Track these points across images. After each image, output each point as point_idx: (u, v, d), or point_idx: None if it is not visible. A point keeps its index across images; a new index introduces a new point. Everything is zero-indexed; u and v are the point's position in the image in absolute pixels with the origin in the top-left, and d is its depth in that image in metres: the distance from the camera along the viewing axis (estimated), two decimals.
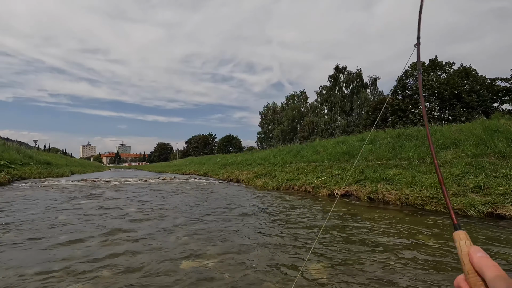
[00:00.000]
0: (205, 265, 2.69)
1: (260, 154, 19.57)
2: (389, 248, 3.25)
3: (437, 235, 3.76)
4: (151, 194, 8.87)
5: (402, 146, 9.08)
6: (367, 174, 7.88)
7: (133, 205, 6.44)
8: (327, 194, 8.01)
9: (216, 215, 5.28)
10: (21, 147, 21.45)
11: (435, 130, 9.35)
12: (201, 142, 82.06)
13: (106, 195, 8.26)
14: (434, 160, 0.81)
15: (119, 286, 2.24)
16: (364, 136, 11.95)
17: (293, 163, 12.59)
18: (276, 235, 3.83)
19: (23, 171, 15.70)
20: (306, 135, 43.80)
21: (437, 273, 2.53)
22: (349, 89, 43.88)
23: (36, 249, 3.10)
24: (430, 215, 5.06)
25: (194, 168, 27.63)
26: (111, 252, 3.02)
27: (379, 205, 6.34)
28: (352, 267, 2.69)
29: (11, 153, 17.59)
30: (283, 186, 10.07)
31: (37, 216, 4.88)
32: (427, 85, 26.77)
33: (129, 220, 4.74)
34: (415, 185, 6.27)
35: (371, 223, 4.49)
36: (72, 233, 3.81)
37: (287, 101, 62.75)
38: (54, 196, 7.73)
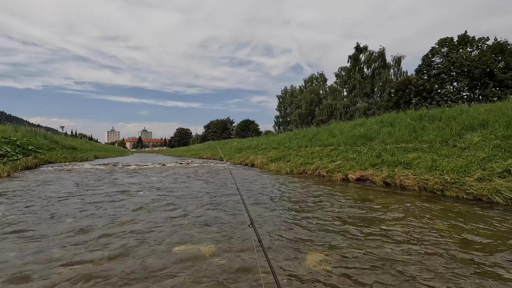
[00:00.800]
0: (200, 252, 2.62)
1: (275, 138, 19.35)
2: (404, 237, 3.04)
3: (455, 223, 3.48)
4: (166, 177, 9.00)
5: (423, 128, 8.53)
6: (384, 158, 7.51)
7: (146, 188, 6.54)
8: (341, 178, 7.74)
9: (223, 199, 5.22)
10: (47, 133, 22.51)
11: (461, 110, 8.67)
12: (219, 127, 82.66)
13: (122, 178, 8.47)
14: None
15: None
16: (383, 118, 11.36)
17: (308, 147, 12.30)
18: (282, 221, 3.70)
19: (50, 155, 16.50)
20: (325, 118, 42.76)
21: (458, 266, 2.30)
22: (371, 70, 41.88)
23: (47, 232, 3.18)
24: (451, 201, 4.72)
25: (211, 152, 27.91)
26: (131, 229, 3.03)
27: (395, 190, 6.03)
28: (360, 255, 2.51)
29: (38, 138, 18.50)
30: (296, 170, 9.88)
31: (42, 202, 5.05)
32: (455, 63, 24.93)
33: (137, 203, 4.79)
34: (436, 169, 5.87)
35: (384, 208, 4.25)
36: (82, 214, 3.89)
37: (305, 84, 61.15)
38: (73, 179, 8.03)
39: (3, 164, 9.89)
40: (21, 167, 11.13)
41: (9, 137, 14.09)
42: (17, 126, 18.09)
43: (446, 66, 25.70)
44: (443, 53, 27.02)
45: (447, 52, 26.59)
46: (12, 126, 17.35)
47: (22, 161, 11.92)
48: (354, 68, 42.55)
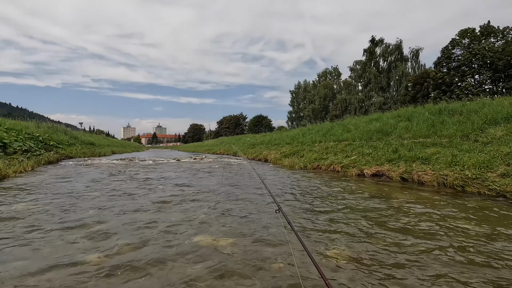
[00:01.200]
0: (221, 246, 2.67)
1: (289, 133, 19.26)
2: (425, 232, 2.97)
3: (478, 220, 3.37)
4: (181, 172, 9.16)
5: (443, 122, 8.26)
6: (401, 153, 7.34)
7: (161, 182, 6.68)
8: (357, 174, 7.64)
9: (239, 193, 5.27)
10: (67, 129, 23.31)
11: (483, 103, 8.33)
12: (232, 122, 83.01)
13: (141, 173, 8.69)
14: None
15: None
16: (400, 112, 11.06)
17: (322, 142, 12.17)
18: (300, 216, 3.70)
19: (70, 150, 17.11)
20: (339, 113, 42.11)
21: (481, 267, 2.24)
22: (387, 63, 40.76)
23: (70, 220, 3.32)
24: (472, 197, 4.57)
25: (224, 148, 28.13)
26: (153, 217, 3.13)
27: (413, 185, 5.90)
28: (380, 254, 2.49)
29: (59, 134, 19.19)
30: (310, 165, 9.82)
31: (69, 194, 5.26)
32: (477, 55, 23.89)
33: (154, 197, 4.90)
34: (456, 164, 5.69)
35: (404, 203, 4.17)
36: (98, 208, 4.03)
37: (319, 78, 60.33)
38: (94, 173, 8.30)
39: (27, 159, 10.33)
40: (43, 162, 11.60)
41: (32, 133, 14.69)
42: (39, 123, 18.80)
43: (467, 58, 24.68)
44: (464, 44, 25.93)
45: (469, 44, 25.50)
46: (35, 123, 18.05)
47: (45, 156, 12.42)
48: (370, 62, 41.54)
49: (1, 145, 10.22)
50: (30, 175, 7.84)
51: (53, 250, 2.47)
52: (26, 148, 11.95)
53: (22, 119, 18.62)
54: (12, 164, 8.54)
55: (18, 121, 16.62)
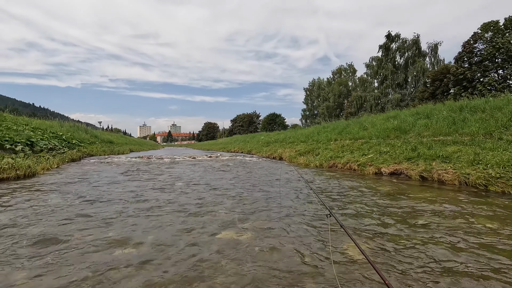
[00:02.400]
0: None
1: (303, 131, 19.18)
2: (447, 233, 2.96)
3: (503, 220, 3.31)
4: (199, 170, 9.35)
5: (464, 120, 8.03)
6: (420, 151, 7.20)
7: (182, 179, 6.86)
8: (374, 172, 7.56)
9: (258, 192, 5.36)
10: (88, 128, 24.17)
11: (508, 100, 8.03)
12: (246, 120, 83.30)
13: (161, 171, 8.95)
14: None
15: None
16: (419, 110, 10.82)
17: (338, 140, 12.08)
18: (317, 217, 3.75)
19: (91, 149, 17.73)
20: (354, 111, 41.46)
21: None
22: (404, 59, 39.70)
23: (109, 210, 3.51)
24: (496, 197, 4.46)
25: (238, 146, 28.32)
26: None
27: (433, 184, 5.79)
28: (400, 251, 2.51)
29: (80, 133, 19.95)
30: (326, 163, 9.78)
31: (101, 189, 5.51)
32: (501, 48, 22.89)
33: (174, 193, 5.07)
34: (478, 163, 5.54)
35: (426, 202, 4.13)
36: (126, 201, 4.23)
37: (333, 75, 59.49)
38: (115, 170, 8.63)
39: (52, 157, 10.83)
40: (67, 160, 12.11)
41: (56, 132, 15.36)
42: (62, 122, 19.59)
43: (490, 52, 23.69)
44: (486, 38, 24.88)
45: (492, 37, 24.45)
46: (58, 122, 18.84)
47: (68, 154, 12.95)
48: (386, 58, 40.59)
49: (29, 144, 10.75)
50: (56, 172, 8.23)
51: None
52: (51, 146, 12.52)
53: (45, 119, 19.51)
54: (39, 161, 9.00)
55: (43, 121, 17.41)
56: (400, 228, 3.05)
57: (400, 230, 2.99)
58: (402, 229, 3.02)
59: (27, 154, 9.39)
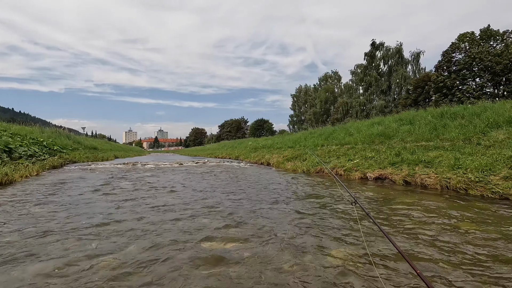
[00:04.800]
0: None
1: (291, 137, 19.32)
2: (425, 235, 3.02)
3: (481, 223, 3.42)
4: (185, 176, 9.22)
5: (445, 126, 8.32)
6: (403, 156, 7.39)
7: (167, 186, 6.74)
8: (359, 177, 7.68)
9: (244, 199, 5.33)
10: (71, 134, 23.47)
11: (484, 107, 8.39)
12: (234, 126, 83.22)
13: (143, 177, 8.76)
14: None
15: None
16: (402, 116, 11.13)
17: (325, 146, 12.24)
18: (303, 222, 3.75)
19: (73, 155, 17.19)
20: (340, 117, 42.20)
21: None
22: (387, 67, 40.94)
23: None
24: (475, 200, 4.61)
25: (226, 152, 28.19)
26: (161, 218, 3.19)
27: (416, 189, 5.94)
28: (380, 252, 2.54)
29: (62, 139, 19.32)
30: (313, 169, 9.86)
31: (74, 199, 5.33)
32: (476, 58, 23.98)
33: (160, 201, 4.97)
34: (459, 167, 5.73)
35: (407, 207, 4.22)
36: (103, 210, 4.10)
37: (319, 82, 60.54)
38: (98, 177, 8.39)
39: (32, 164, 10.43)
40: (48, 167, 11.69)
41: (36, 138, 14.82)
42: (43, 128, 18.95)
43: (467, 61, 24.78)
44: (463, 48, 26.05)
45: (468, 48, 25.62)
46: (39, 128, 18.21)
47: (49, 160, 12.51)
48: (370, 65, 41.75)
49: (7, 150, 10.32)
50: (35, 179, 7.92)
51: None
52: (31, 153, 12.06)
53: (26, 125, 18.81)
54: (18, 169, 8.64)
55: (23, 126, 16.78)
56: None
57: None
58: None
59: (4, 161, 9.01)
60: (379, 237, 2.92)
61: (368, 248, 2.58)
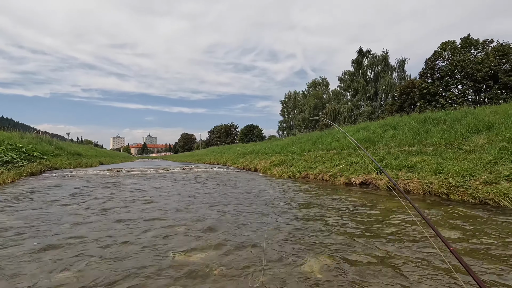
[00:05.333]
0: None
1: (278, 142, 19.30)
2: (399, 242, 2.96)
3: (460, 228, 3.39)
4: (168, 183, 8.99)
5: (428, 131, 8.42)
6: (387, 161, 7.42)
7: (146, 195, 6.52)
8: (344, 182, 7.66)
9: (226, 206, 5.18)
10: (53, 139, 22.75)
11: (465, 112, 8.56)
12: (223, 132, 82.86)
13: (126, 183, 8.48)
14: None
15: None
16: (387, 121, 11.26)
17: (311, 151, 12.22)
18: (281, 228, 3.64)
19: (55, 161, 16.61)
20: (328, 122, 42.56)
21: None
22: (374, 74, 41.78)
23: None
24: (456, 205, 4.62)
25: (214, 157, 27.93)
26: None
27: (399, 194, 5.92)
28: (359, 262, 2.45)
29: (44, 145, 18.68)
30: (299, 174, 9.81)
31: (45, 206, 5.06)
32: (458, 66, 24.74)
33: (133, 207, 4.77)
34: (440, 172, 5.77)
35: (387, 213, 4.17)
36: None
37: (308, 88, 61.22)
38: (76, 185, 8.06)
39: (7, 171, 9.97)
40: (25, 174, 11.22)
41: (15, 144, 14.25)
42: (23, 133, 18.30)
43: (449, 69, 25.52)
44: (445, 56, 26.86)
45: (450, 56, 26.44)
46: (18, 133, 17.56)
47: (27, 167, 12.03)
48: (357, 72, 42.50)
49: None
50: (8, 187, 7.54)
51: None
52: (8, 159, 11.57)
53: (7, 130, 18.10)
54: None
55: (1, 132, 16.14)
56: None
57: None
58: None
59: None
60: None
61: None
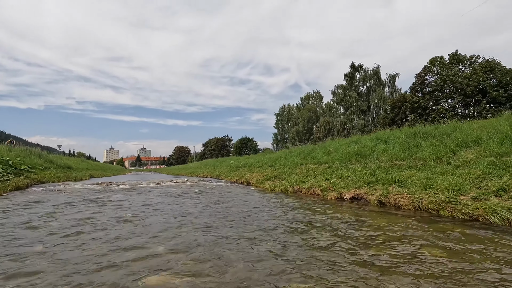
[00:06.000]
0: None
1: (271, 155, 19.24)
2: (392, 263, 2.86)
3: (450, 249, 3.31)
4: (157, 199, 8.79)
5: (417, 145, 8.46)
6: (378, 175, 7.38)
7: (129, 213, 6.33)
8: (336, 197, 7.57)
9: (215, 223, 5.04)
10: (43, 152, 22.32)
11: (454, 127, 8.65)
12: (218, 144, 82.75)
13: (112, 198, 8.25)
14: None
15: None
16: (378, 135, 11.32)
17: (304, 165, 12.17)
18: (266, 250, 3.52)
19: (43, 175, 16.22)
20: (322, 135, 42.87)
21: None
22: (366, 88, 42.57)
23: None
24: (446, 222, 4.56)
25: (207, 170, 27.67)
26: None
27: (390, 210, 5.86)
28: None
29: (33, 158, 18.30)
30: (291, 188, 9.70)
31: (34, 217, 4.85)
32: (447, 80, 25.35)
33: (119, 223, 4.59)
34: (430, 187, 5.73)
35: (376, 230, 4.08)
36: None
37: (302, 101, 61.98)
38: (60, 200, 7.80)
39: None
40: (10, 188, 10.90)
41: (1, 157, 13.92)
42: (10, 146, 17.95)
43: (438, 83, 26.13)
44: (434, 71, 27.56)
45: (439, 71, 27.15)
46: (6, 146, 17.21)
47: (13, 181, 11.71)
48: (350, 86, 43.27)
49: None
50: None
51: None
52: None
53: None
54: None
55: None
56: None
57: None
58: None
59: None
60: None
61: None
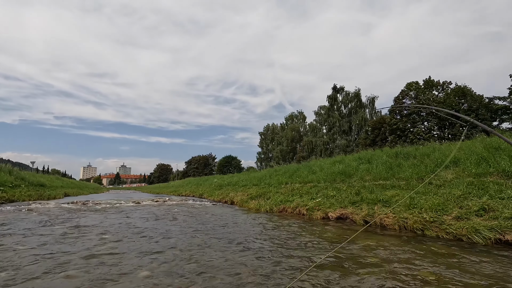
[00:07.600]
0: None
1: (256, 174, 19.08)
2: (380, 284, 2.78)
3: (436, 270, 3.28)
4: (134, 220, 8.36)
5: (399, 165, 8.66)
6: (363, 195, 7.42)
7: (98, 238, 5.95)
8: (321, 217, 7.50)
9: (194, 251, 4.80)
10: (14, 169, 21.03)
11: (433, 148, 8.97)
12: (201, 162, 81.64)
13: (86, 219, 7.76)
14: None
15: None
16: (361, 155, 11.55)
17: (289, 184, 12.11)
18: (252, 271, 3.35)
19: (13, 193, 15.21)
20: (306, 155, 43.36)
21: None
22: (348, 109, 44.00)
23: None
24: (431, 242, 4.57)
25: (190, 189, 26.99)
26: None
27: (376, 229, 5.84)
28: None
29: (2, 174, 17.18)
30: (276, 208, 9.56)
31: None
32: (424, 104, 26.71)
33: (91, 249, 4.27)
34: (414, 207, 5.80)
35: (362, 251, 4.01)
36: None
37: (286, 121, 62.99)
38: (25, 222, 7.24)
39: None
40: None
41: None
42: None
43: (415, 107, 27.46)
44: (411, 95, 29.06)
45: (416, 95, 28.65)
46: None
47: None
48: (333, 107, 44.55)
49: None
50: None
51: None
52: None
53: None
54: None
55: None
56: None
57: None
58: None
59: None
60: None
61: None
